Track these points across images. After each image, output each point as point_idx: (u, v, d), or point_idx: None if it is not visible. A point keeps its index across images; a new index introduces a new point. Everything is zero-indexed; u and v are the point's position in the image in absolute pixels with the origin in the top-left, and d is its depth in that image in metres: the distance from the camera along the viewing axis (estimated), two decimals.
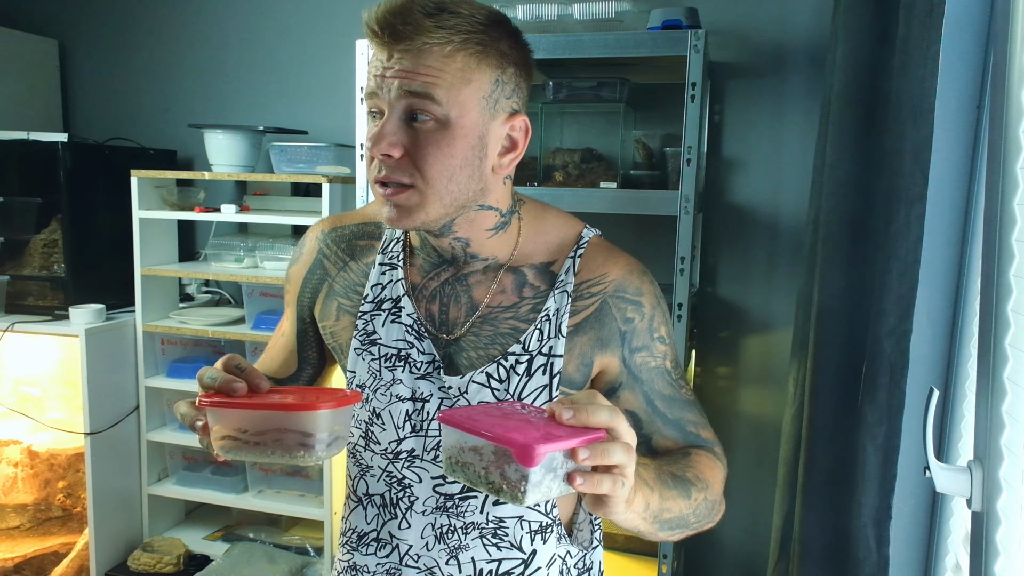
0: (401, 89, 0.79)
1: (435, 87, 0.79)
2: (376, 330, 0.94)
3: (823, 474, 1.33)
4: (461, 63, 0.80)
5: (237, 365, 0.75)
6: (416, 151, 0.80)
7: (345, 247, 0.99)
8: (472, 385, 0.90)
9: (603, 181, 1.85)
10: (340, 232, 1.00)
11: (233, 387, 0.73)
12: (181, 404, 0.78)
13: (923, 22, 1.05)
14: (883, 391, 1.13)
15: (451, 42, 0.79)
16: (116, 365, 2.30)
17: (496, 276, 0.92)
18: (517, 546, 0.94)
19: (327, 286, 0.99)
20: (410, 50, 0.78)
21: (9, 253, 2.35)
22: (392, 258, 0.96)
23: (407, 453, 0.93)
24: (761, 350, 2.10)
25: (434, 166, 0.81)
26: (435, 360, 0.92)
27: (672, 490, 0.81)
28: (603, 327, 0.92)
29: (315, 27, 2.43)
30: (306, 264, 1.01)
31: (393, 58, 0.79)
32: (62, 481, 2.49)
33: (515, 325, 0.91)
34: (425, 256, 0.94)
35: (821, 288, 1.33)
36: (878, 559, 1.15)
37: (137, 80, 2.66)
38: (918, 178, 1.07)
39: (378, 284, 0.95)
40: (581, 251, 0.93)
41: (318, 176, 2.10)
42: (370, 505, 0.97)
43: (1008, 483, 0.91)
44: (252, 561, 2.23)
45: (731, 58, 2.04)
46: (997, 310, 0.91)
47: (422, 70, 0.79)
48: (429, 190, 0.82)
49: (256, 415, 0.71)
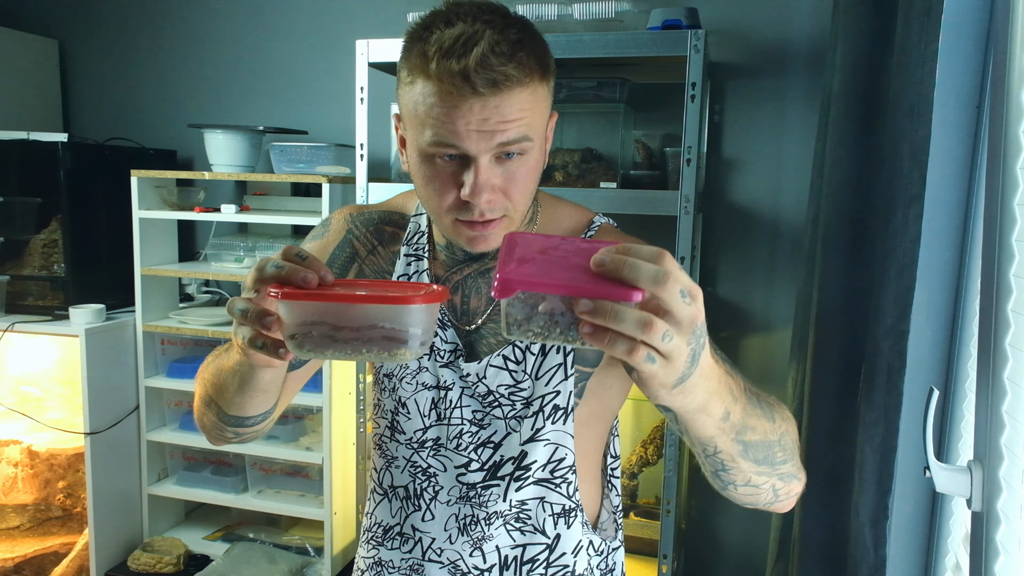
0: (496, 140, 0.78)
1: (529, 127, 0.80)
2: None
3: (821, 474, 1.33)
4: (541, 93, 0.82)
5: (298, 254, 0.68)
6: (510, 185, 0.82)
7: (374, 231, 1.01)
8: (489, 369, 0.92)
9: (603, 181, 1.85)
10: (368, 216, 1.02)
11: (305, 277, 0.66)
12: (239, 301, 0.69)
13: (921, 22, 1.05)
14: (881, 391, 1.13)
15: (532, 76, 0.79)
16: (116, 365, 2.30)
17: None
18: (540, 530, 0.94)
19: (356, 267, 1.00)
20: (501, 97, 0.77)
21: (9, 253, 2.35)
22: (418, 250, 0.98)
23: (432, 442, 0.95)
24: (761, 350, 2.10)
25: (524, 191, 0.84)
26: (457, 348, 0.94)
27: (757, 409, 0.72)
28: None
29: (315, 27, 2.43)
30: (333, 242, 1.01)
31: (486, 107, 0.77)
32: (62, 481, 2.49)
33: None
34: (450, 254, 0.96)
35: (820, 288, 1.33)
36: (875, 559, 1.15)
37: (137, 80, 2.66)
38: (916, 178, 1.07)
39: (404, 274, 0.98)
40: (591, 233, 0.96)
41: (318, 176, 2.10)
42: (394, 497, 0.98)
43: (1008, 483, 0.91)
44: (252, 561, 2.23)
45: (731, 58, 2.04)
46: (997, 310, 0.91)
47: (516, 114, 0.78)
48: (517, 213, 0.85)
49: (348, 309, 0.64)
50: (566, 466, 0.96)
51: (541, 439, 0.93)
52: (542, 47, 0.83)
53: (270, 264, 0.68)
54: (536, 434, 0.93)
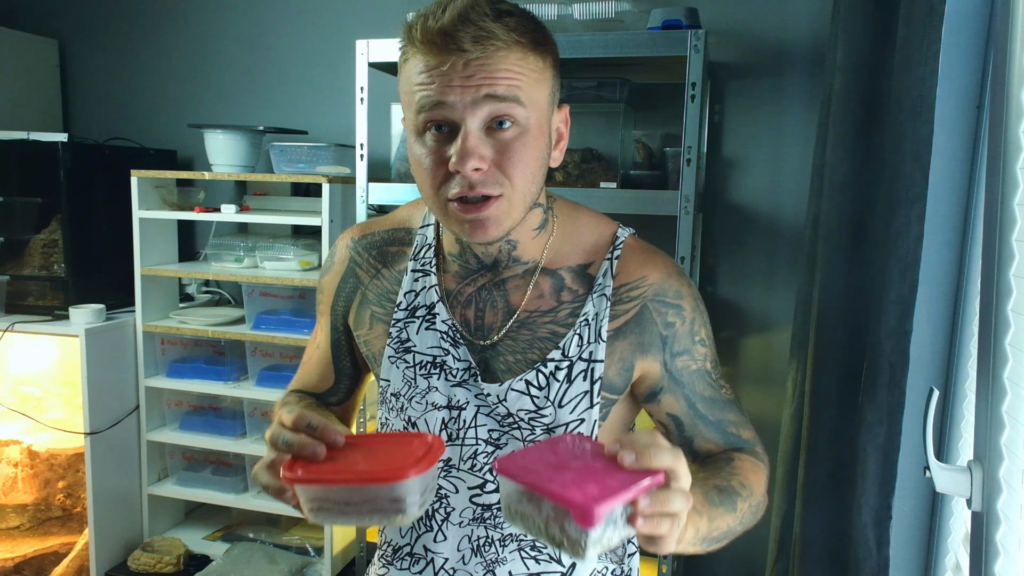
0: (484, 94, 0.75)
1: (519, 89, 0.77)
2: (410, 337, 0.92)
3: (823, 474, 1.33)
4: (533, 63, 0.79)
5: (308, 424, 0.71)
6: (503, 159, 0.78)
7: (376, 254, 0.98)
8: (511, 393, 0.88)
9: (603, 181, 1.85)
10: (370, 239, 0.99)
11: (315, 452, 0.69)
12: (262, 474, 0.74)
13: (923, 22, 1.05)
14: (883, 391, 1.13)
15: (520, 44, 0.77)
16: (116, 365, 2.29)
17: (533, 279, 0.91)
18: (556, 559, 0.92)
19: (360, 294, 0.98)
20: (485, 56, 0.75)
21: (9, 253, 2.35)
22: (424, 264, 0.94)
23: (443, 463, 0.91)
24: (760, 350, 2.10)
25: (522, 170, 0.79)
26: (471, 367, 0.90)
27: (719, 507, 0.81)
28: (644, 332, 0.89)
29: (315, 27, 2.43)
30: (338, 273, 0.99)
31: (469, 66, 0.75)
32: (62, 481, 2.49)
33: (554, 329, 0.89)
34: (462, 263, 0.92)
35: (821, 288, 1.33)
36: (878, 559, 1.15)
37: (137, 80, 2.66)
38: (918, 178, 1.07)
39: (411, 291, 0.94)
40: (618, 252, 0.91)
41: (318, 176, 2.10)
42: None
43: (1008, 483, 0.91)
44: (252, 561, 2.23)
45: (731, 58, 2.04)
46: (997, 310, 0.91)
47: (504, 73, 0.76)
48: (516, 195, 0.80)
49: (345, 489, 0.68)
50: None
51: None
52: (535, 23, 0.80)
53: (281, 440, 0.71)
54: None
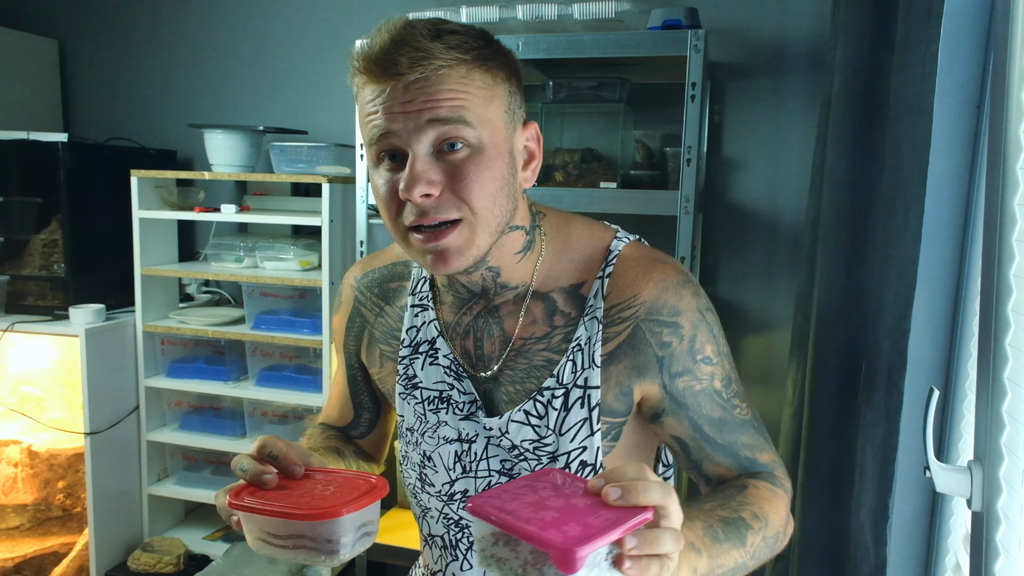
0: (426, 119, 0.73)
1: (464, 109, 0.74)
2: (416, 373, 0.93)
3: (822, 474, 1.33)
4: (480, 80, 0.76)
5: (269, 453, 0.72)
6: (457, 182, 0.75)
7: (378, 292, 0.98)
8: (512, 424, 0.87)
9: (603, 181, 1.85)
10: (371, 277, 0.99)
11: (263, 480, 0.70)
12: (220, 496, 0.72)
13: (922, 22, 1.05)
14: (881, 391, 1.13)
15: (463, 61, 0.75)
16: (116, 365, 2.29)
17: (524, 304, 0.88)
18: None
19: (368, 334, 0.99)
20: (425, 77, 0.73)
21: (9, 253, 2.35)
22: (422, 299, 0.94)
23: (461, 494, 0.91)
24: (760, 350, 2.10)
25: (479, 193, 0.76)
26: (475, 400, 0.89)
27: (723, 543, 0.75)
28: (638, 354, 0.84)
29: (315, 27, 2.43)
30: (346, 313, 1.01)
31: (409, 90, 0.73)
32: (62, 481, 2.49)
33: (548, 356, 0.87)
34: (454, 293, 0.90)
35: (820, 288, 1.33)
36: (876, 559, 1.15)
37: (137, 80, 2.66)
38: (916, 178, 1.07)
39: (413, 327, 0.94)
40: (610, 269, 0.86)
41: (318, 176, 2.10)
42: (433, 545, 0.96)
43: (1008, 483, 0.91)
44: (252, 561, 2.23)
45: (731, 58, 2.04)
46: (997, 310, 0.91)
47: (446, 94, 0.73)
48: (478, 221, 0.77)
49: (278, 522, 0.67)
50: None
51: None
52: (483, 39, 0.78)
53: (240, 466, 0.71)
54: None
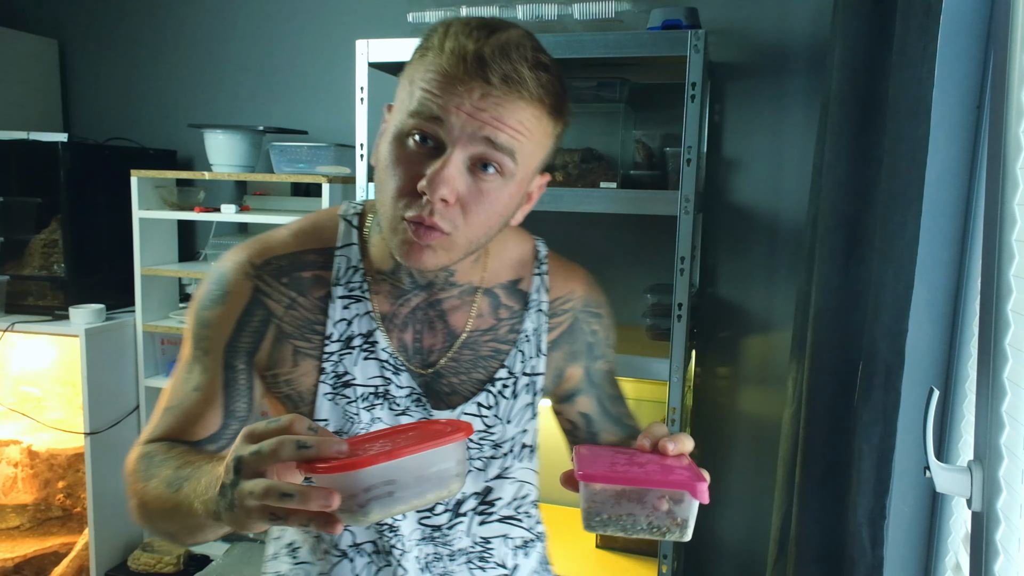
0: (483, 135, 0.71)
1: (519, 144, 0.73)
2: (348, 370, 0.86)
3: (819, 474, 1.33)
4: (544, 127, 0.76)
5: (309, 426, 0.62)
6: (471, 201, 0.74)
7: (288, 282, 0.86)
8: (464, 417, 0.87)
9: (603, 181, 1.85)
10: (276, 265, 0.86)
11: (340, 449, 0.59)
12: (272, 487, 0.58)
13: (920, 22, 1.05)
14: (879, 391, 1.13)
15: (543, 104, 0.74)
16: (116, 365, 2.29)
17: (472, 300, 0.90)
18: (501, 564, 0.95)
19: (274, 328, 0.86)
20: (505, 97, 0.71)
21: (9, 253, 2.35)
22: (353, 290, 0.87)
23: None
24: (761, 350, 2.10)
25: (482, 219, 0.75)
26: (413, 392, 0.87)
27: None
28: (575, 341, 0.96)
29: (315, 27, 2.43)
30: (238, 305, 0.85)
31: (485, 99, 0.71)
32: (62, 481, 2.49)
33: (496, 347, 0.90)
34: (394, 281, 0.87)
35: (819, 288, 1.33)
36: (873, 559, 1.15)
37: (137, 80, 2.66)
38: (915, 178, 1.07)
39: (342, 320, 0.86)
40: (544, 267, 0.95)
41: (318, 176, 2.10)
42: (358, 555, 0.90)
43: (1008, 483, 0.91)
44: (252, 561, 2.23)
45: (731, 58, 2.04)
46: (997, 310, 0.91)
47: (513, 124, 0.72)
48: (463, 240, 0.76)
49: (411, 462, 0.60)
50: (530, 501, 0.97)
51: (508, 477, 0.93)
52: (563, 87, 0.77)
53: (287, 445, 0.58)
54: (504, 472, 0.92)
